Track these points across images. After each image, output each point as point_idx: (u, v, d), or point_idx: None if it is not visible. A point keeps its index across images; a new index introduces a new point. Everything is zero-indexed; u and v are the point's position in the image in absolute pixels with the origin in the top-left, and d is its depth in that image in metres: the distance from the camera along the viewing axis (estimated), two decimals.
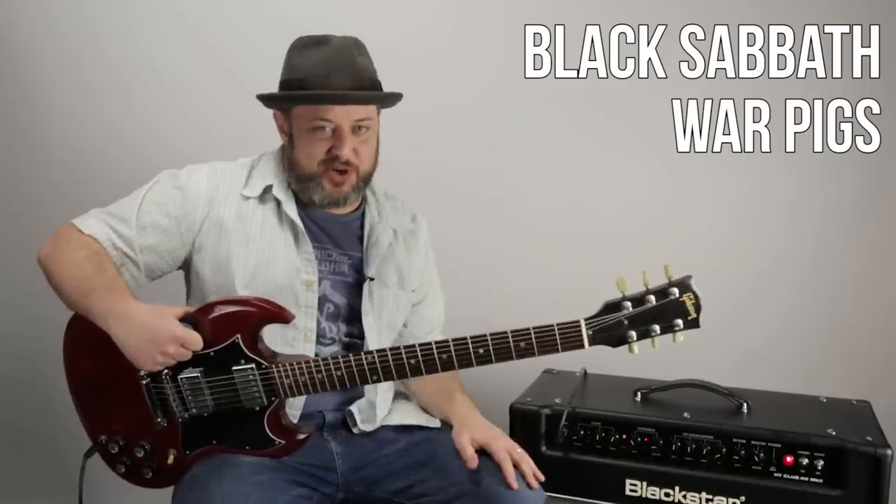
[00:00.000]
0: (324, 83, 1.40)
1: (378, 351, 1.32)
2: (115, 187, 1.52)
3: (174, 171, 1.51)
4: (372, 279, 1.52)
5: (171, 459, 1.40)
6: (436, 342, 1.29)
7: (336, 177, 1.45)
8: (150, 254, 1.47)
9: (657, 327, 1.22)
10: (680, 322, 1.22)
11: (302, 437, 1.40)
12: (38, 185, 2.39)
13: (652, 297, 1.21)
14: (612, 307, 1.23)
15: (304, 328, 1.46)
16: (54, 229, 1.47)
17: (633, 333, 1.22)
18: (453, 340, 1.28)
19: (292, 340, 1.45)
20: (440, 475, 1.42)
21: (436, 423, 1.56)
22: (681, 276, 1.22)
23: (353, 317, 1.52)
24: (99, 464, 1.46)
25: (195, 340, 1.31)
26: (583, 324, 1.23)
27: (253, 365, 1.34)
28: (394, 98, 1.51)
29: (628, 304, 1.22)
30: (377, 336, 1.53)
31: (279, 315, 1.37)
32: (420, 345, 1.30)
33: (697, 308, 1.22)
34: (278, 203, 1.49)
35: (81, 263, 1.38)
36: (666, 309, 1.21)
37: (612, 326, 1.23)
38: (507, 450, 1.39)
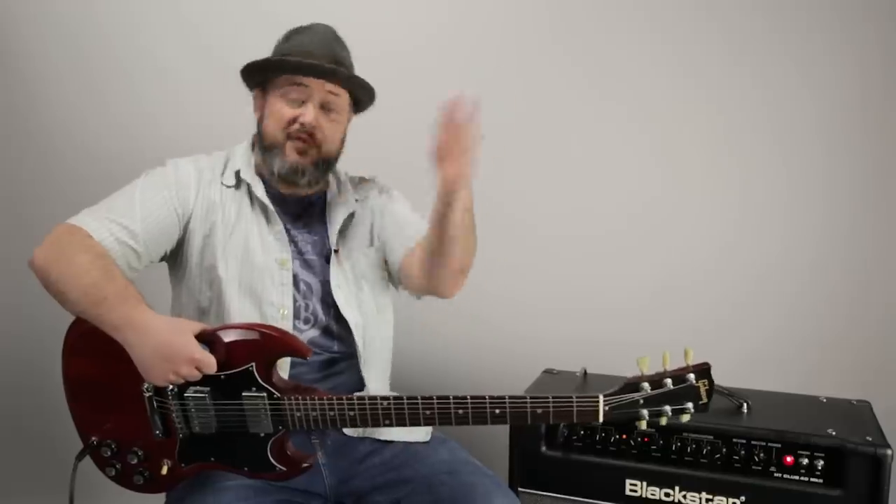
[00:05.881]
0: (306, 57, 1.49)
1: (395, 398, 1.31)
2: (118, 187, 1.52)
3: (159, 167, 1.54)
4: (336, 251, 1.55)
5: (164, 470, 1.37)
6: (454, 398, 1.29)
7: (299, 144, 1.50)
8: (152, 241, 1.46)
9: (668, 409, 1.26)
10: (690, 405, 1.26)
11: (305, 465, 1.37)
12: (40, 185, 2.39)
13: (669, 381, 1.25)
14: (631, 387, 1.26)
15: (281, 305, 1.48)
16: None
17: (646, 413, 1.26)
18: (471, 398, 1.29)
19: (270, 318, 1.46)
20: (424, 492, 1.42)
21: (422, 437, 1.54)
22: (699, 363, 1.26)
23: (326, 292, 1.53)
24: (92, 465, 1.44)
25: (211, 364, 1.28)
26: (601, 400, 1.26)
27: (265, 394, 1.32)
28: (365, 90, 1.56)
29: (646, 385, 1.25)
30: (352, 308, 1.54)
31: (298, 350, 1.34)
32: (437, 398, 1.30)
33: (710, 394, 1.26)
34: (249, 186, 1.54)
35: (88, 269, 1.32)
36: (680, 393, 1.25)
37: (627, 405, 1.26)
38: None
